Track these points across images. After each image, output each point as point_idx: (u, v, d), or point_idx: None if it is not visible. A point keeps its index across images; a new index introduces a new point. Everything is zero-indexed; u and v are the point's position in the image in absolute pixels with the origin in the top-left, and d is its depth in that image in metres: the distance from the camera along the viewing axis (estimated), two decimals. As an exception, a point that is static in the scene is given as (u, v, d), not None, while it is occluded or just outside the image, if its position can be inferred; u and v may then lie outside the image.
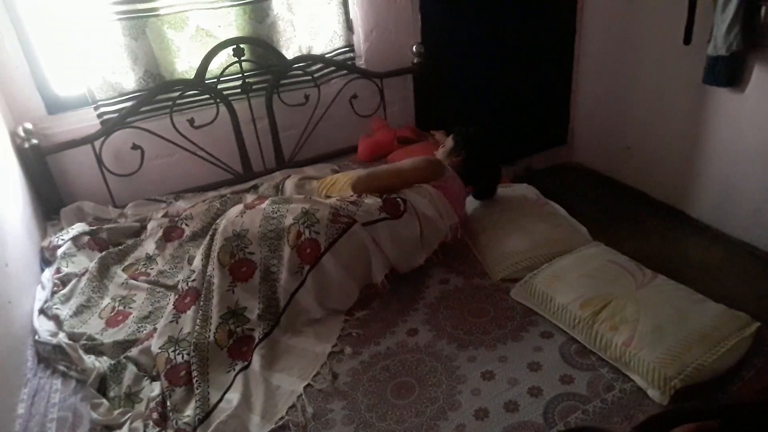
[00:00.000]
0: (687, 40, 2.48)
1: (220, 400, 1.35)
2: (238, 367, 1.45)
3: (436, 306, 1.62)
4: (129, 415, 1.31)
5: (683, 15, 2.45)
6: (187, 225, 2.06)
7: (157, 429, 1.27)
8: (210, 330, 1.50)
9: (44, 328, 1.60)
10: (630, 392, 1.26)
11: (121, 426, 1.29)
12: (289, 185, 2.30)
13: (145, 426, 1.28)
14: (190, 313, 1.56)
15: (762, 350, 1.31)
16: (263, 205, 1.71)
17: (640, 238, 2.74)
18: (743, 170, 2.52)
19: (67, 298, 1.73)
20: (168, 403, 1.33)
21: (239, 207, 1.77)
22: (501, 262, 1.73)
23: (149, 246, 2.00)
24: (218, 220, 1.75)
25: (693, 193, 2.82)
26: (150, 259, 1.94)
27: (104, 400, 1.35)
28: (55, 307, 1.68)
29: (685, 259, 2.58)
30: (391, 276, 1.69)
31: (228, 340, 1.51)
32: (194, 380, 1.38)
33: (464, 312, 1.58)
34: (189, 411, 1.31)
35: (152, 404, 1.33)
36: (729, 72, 2.32)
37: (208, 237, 1.69)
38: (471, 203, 2.09)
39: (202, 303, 1.57)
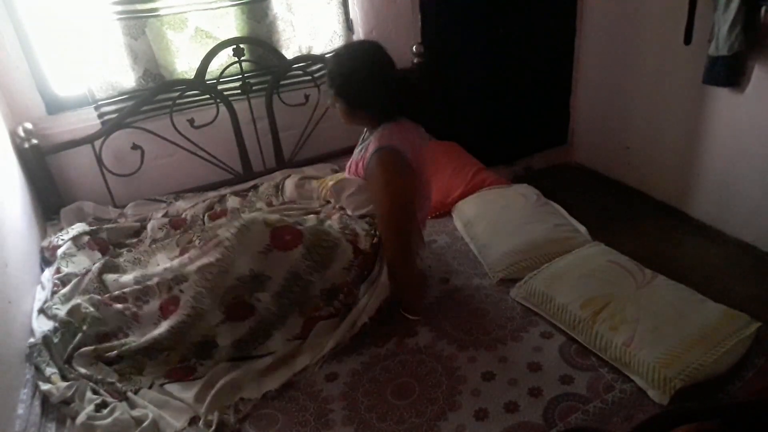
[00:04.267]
0: (687, 40, 2.47)
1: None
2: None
3: (436, 306, 1.62)
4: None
5: (683, 15, 2.44)
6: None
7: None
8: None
9: (44, 328, 1.59)
10: (630, 392, 1.26)
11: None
12: (289, 185, 2.30)
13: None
14: (166, 323, 1.49)
15: (762, 350, 1.31)
16: (297, 253, 1.48)
17: (640, 238, 2.74)
18: (743, 170, 2.52)
19: (67, 299, 1.73)
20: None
21: (265, 236, 1.47)
22: (501, 262, 1.73)
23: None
24: (231, 237, 1.47)
25: (693, 193, 2.82)
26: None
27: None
28: (55, 306, 1.68)
29: (685, 259, 2.58)
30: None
31: (179, 362, 1.47)
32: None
33: (464, 312, 1.58)
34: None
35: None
36: (729, 72, 2.32)
37: (215, 256, 1.46)
38: (471, 202, 2.09)
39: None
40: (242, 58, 2.36)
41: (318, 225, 1.61)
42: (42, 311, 1.67)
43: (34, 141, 2.12)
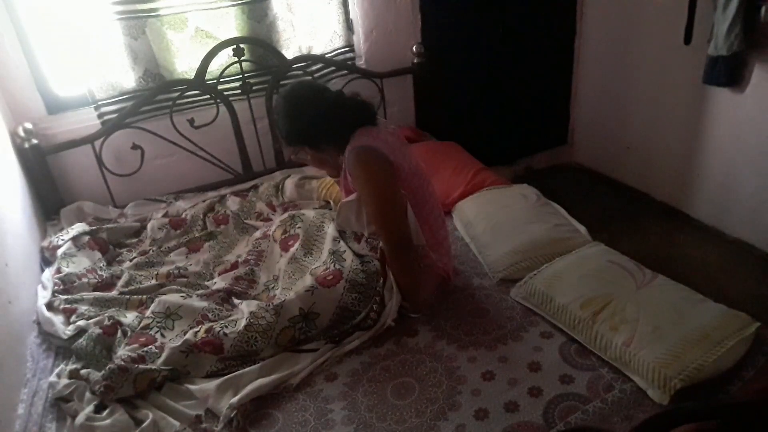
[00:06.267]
0: (687, 40, 2.48)
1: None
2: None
3: (436, 306, 1.62)
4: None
5: (683, 15, 2.45)
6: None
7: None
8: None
9: (57, 319, 1.59)
10: (630, 392, 1.26)
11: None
12: (289, 185, 2.30)
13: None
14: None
15: (762, 350, 1.31)
16: (341, 287, 1.52)
17: (640, 238, 2.74)
18: (743, 170, 2.52)
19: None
20: None
21: (308, 278, 1.55)
22: (501, 262, 1.73)
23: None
24: (279, 276, 1.64)
25: (693, 193, 2.82)
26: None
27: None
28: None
29: (685, 259, 2.58)
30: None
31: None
32: None
33: (464, 312, 1.58)
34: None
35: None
36: (729, 72, 2.32)
37: (273, 307, 1.49)
38: (472, 202, 2.09)
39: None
40: (242, 58, 2.36)
41: (356, 263, 1.60)
42: (49, 306, 1.66)
43: (34, 141, 2.12)
